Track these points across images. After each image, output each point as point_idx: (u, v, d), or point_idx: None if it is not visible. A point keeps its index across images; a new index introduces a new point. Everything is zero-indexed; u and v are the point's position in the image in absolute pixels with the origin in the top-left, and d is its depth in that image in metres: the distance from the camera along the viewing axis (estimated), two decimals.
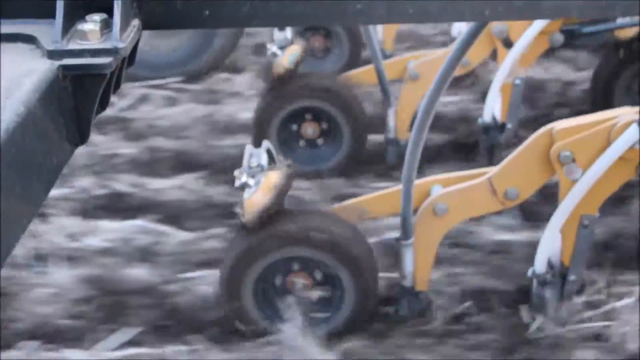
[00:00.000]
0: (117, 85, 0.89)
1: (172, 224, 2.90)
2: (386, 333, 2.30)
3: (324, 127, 3.31)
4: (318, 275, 2.29)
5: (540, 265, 2.22)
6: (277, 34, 3.35)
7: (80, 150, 1.02)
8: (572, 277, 2.22)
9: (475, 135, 3.39)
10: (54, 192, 2.91)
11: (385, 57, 3.58)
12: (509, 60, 3.08)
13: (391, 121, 3.32)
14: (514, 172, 2.22)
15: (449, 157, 3.33)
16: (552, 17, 0.87)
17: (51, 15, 0.82)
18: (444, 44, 4.15)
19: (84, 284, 2.56)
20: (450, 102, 3.79)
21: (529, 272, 2.26)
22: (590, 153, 2.10)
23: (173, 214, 2.97)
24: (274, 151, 2.30)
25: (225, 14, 0.89)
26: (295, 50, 3.22)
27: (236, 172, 2.22)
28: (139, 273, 2.61)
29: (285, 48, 3.28)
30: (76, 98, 0.81)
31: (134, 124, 3.77)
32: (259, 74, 3.59)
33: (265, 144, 2.30)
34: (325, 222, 2.28)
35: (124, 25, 0.83)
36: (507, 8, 0.85)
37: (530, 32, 3.00)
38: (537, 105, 3.75)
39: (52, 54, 0.80)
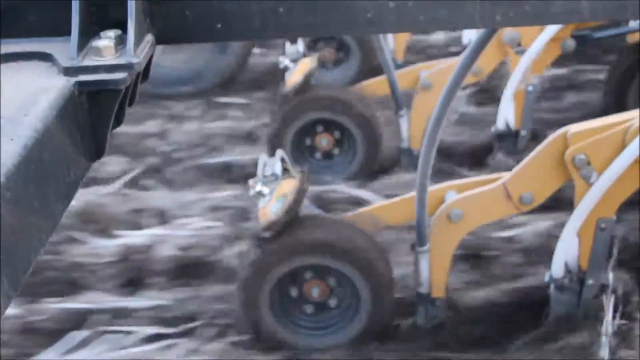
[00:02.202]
0: (132, 100, 0.90)
1: None
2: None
3: (338, 138, 3.32)
4: (333, 284, 2.29)
5: (557, 269, 2.21)
6: (289, 47, 3.37)
7: None
8: (589, 282, 2.20)
9: None
10: None
11: (397, 67, 3.59)
12: (521, 67, 3.08)
13: (404, 131, 3.32)
14: (529, 176, 2.21)
15: None
16: (563, 22, 0.87)
17: (66, 32, 0.83)
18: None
19: None
20: None
21: (546, 277, 2.25)
22: (605, 156, 2.09)
23: None
24: (288, 160, 2.31)
25: (237, 27, 0.90)
26: (307, 63, 3.24)
27: (251, 181, 2.23)
28: None
29: (297, 61, 3.30)
30: (92, 114, 0.82)
31: None
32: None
33: (279, 153, 2.31)
34: (340, 230, 2.28)
35: (138, 40, 0.84)
36: (518, 13, 0.85)
37: (542, 39, 3.00)
38: None
39: (68, 71, 0.81)
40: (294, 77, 3.20)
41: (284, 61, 3.34)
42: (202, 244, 2.83)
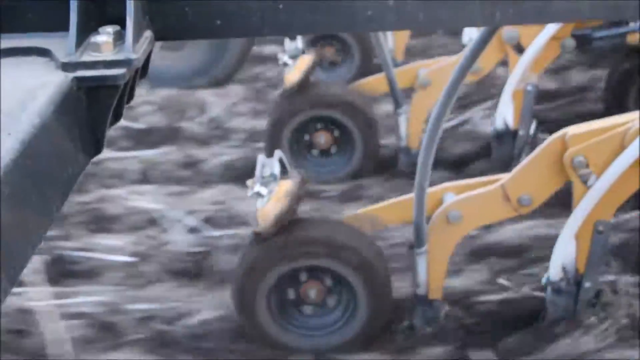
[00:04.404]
0: (131, 96, 0.90)
1: None
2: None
3: (336, 136, 3.32)
4: (331, 284, 2.29)
5: (554, 272, 2.21)
6: (289, 44, 3.37)
7: None
8: (586, 284, 2.20)
9: None
10: None
11: (396, 65, 3.59)
12: (520, 66, 3.08)
13: (402, 129, 3.32)
14: (527, 178, 2.21)
15: None
16: (563, 20, 0.87)
17: (65, 28, 0.83)
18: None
19: None
20: None
21: (543, 279, 2.25)
22: (604, 158, 2.08)
23: None
24: (286, 161, 2.31)
25: (236, 24, 0.90)
26: (306, 60, 3.24)
27: (249, 182, 2.23)
28: None
29: (296, 58, 3.29)
30: (90, 109, 0.82)
31: None
32: None
33: (278, 153, 2.31)
34: (339, 231, 2.28)
35: (137, 36, 0.84)
36: (518, 12, 0.85)
37: (542, 38, 2.99)
38: None
39: (66, 66, 0.81)
40: (292, 74, 3.20)
41: (283, 58, 3.34)
42: None
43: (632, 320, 2.19)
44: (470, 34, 3.36)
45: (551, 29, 2.95)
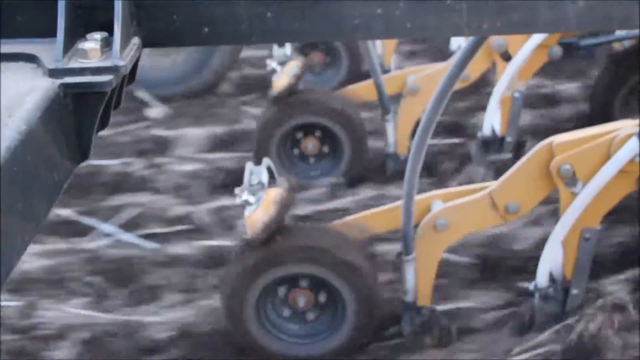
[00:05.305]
0: (118, 103, 0.90)
1: None
2: None
3: (324, 142, 3.32)
4: (320, 292, 2.29)
5: (542, 279, 2.22)
6: (277, 50, 3.37)
7: None
8: (574, 291, 2.21)
9: None
10: None
11: (385, 72, 3.60)
12: (507, 73, 3.09)
13: (390, 136, 3.33)
14: (514, 186, 2.22)
15: None
16: (550, 31, 0.88)
17: (52, 34, 0.82)
18: None
19: None
20: None
21: (531, 286, 2.26)
22: (590, 166, 2.10)
23: None
24: (274, 168, 2.31)
25: (224, 31, 0.90)
26: (294, 66, 3.24)
27: (237, 190, 2.22)
28: None
29: (284, 64, 3.30)
30: (77, 116, 0.82)
31: None
32: None
33: (266, 161, 2.31)
34: (327, 239, 2.28)
35: (124, 43, 0.84)
36: (505, 22, 0.85)
37: (529, 46, 3.01)
38: None
39: (53, 73, 0.80)
40: (281, 80, 3.20)
41: (272, 64, 3.34)
42: None
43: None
44: (459, 42, 3.38)
45: (538, 36, 2.97)
